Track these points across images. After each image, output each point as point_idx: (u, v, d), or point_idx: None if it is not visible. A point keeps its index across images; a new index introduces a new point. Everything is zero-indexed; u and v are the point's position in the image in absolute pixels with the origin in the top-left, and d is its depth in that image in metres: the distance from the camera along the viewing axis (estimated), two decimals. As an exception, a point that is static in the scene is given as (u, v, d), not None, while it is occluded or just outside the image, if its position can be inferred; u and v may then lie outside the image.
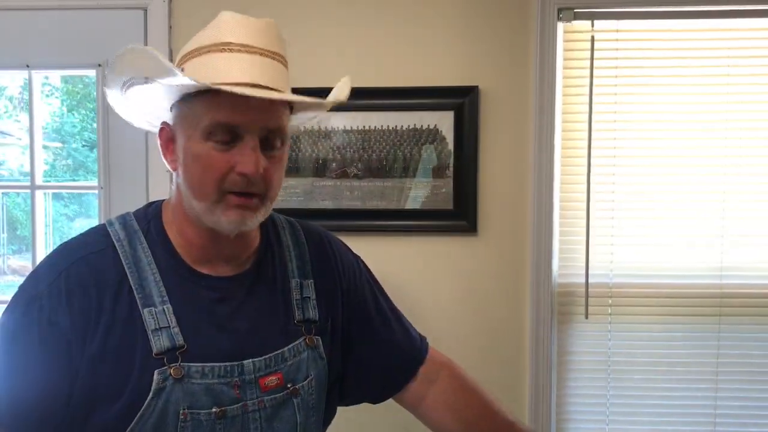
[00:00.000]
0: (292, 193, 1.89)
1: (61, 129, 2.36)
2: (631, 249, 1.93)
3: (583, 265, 1.91)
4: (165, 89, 1.05)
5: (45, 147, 2.20)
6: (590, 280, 1.91)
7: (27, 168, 2.04)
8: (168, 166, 1.10)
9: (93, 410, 1.03)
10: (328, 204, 1.90)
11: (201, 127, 1.02)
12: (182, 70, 1.02)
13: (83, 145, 2.37)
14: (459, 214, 1.89)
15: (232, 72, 1.02)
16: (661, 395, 1.93)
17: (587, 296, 1.90)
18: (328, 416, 1.25)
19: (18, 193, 2.36)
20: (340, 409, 1.28)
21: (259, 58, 1.03)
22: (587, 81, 1.88)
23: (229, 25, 1.04)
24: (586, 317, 1.91)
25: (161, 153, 1.10)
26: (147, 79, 1.04)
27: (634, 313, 1.93)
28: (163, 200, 1.16)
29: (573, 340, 1.94)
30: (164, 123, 1.09)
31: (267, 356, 1.11)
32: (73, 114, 2.37)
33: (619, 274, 1.93)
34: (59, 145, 2.36)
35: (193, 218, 1.08)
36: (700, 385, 1.93)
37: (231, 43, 1.03)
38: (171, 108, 1.09)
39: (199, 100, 1.02)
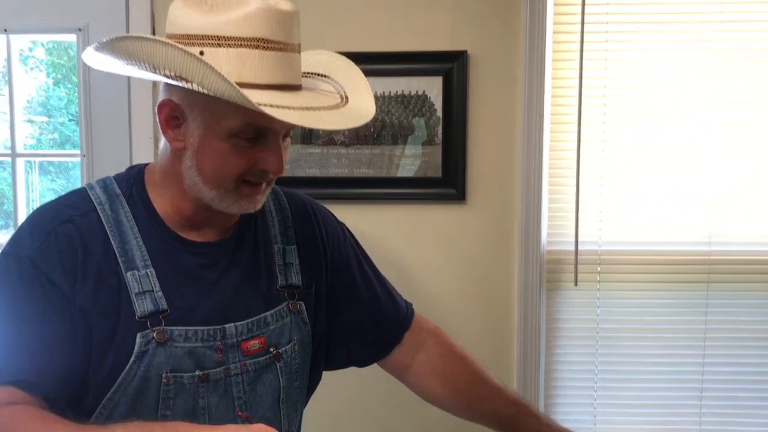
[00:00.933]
0: (278, 160, 1.86)
1: (47, 103, 2.31)
2: (620, 216, 1.92)
3: (572, 232, 1.90)
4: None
5: (31, 121, 2.17)
6: (579, 248, 1.90)
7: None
8: (168, 143, 1.05)
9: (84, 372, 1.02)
10: (315, 172, 1.88)
11: (228, 125, 0.98)
12: (201, 53, 0.95)
13: (69, 120, 2.34)
14: (448, 182, 1.87)
15: (273, 74, 0.97)
16: (650, 361, 1.94)
17: (576, 263, 1.90)
18: (313, 381, 1.25)
19: (4, 168, 2.33)
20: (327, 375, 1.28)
21: (290, 55, 0.99)
22: (578, 46, 1.86)
23: (263, 17, 0.96)
24: (575, 284, 1.90)
25: (160, 129, 1.04)
26: (175, 78, 0.94)
27: (623, 280, 1.93)
28: (146, 164, 1.14)
29: (562, 307, 1.93)
30: (166, 100, 1.02)
31: (249, 320, 1.10)
32: (59, 87, 2.33)
33: (608, 242, 1.92)
34: (45, 119, 2.31)
35: (192, 195, 1.06)
36: (688, 351, 1.93)
37: (268, 40, 0.96)
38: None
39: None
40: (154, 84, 1.72)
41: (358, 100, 1.07)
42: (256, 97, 0.92)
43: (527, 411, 1.27)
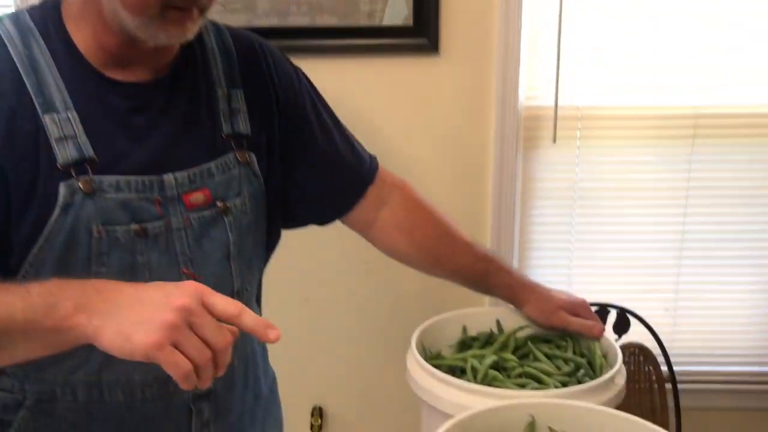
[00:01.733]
0: (231, 9, 1.69)
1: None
2: (603, 69, 1.78)
3: (552, 86, 1.78)
4: None
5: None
6: (559, 103, 1.78)
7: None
8: None
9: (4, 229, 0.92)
10: (273, 21, 1.71)
11: None
12: None
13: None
14: (419, 31, 1.71)
15: None
16: (629, 221, 1.87)
17: (556, 119, 1.79)
18: (272, 240, 1.17)
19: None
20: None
21: None
22: None
23: None
24: (554, 141, 1.80)
25: None
26: None
27: (604, 137, 1.82)
28: None
29: (539, 165, 1.84)
30: None
31: (190, 170, 1.00)
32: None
33: (589, 97, 1.80)
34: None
35: (115, 26, 0.92)
36: (669, 210, 1.86)
37: None
38: None
39: None
40: None
41: None
42: None
43: (498, 266, 1.21)
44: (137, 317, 0.74)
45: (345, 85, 1.74)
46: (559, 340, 1.16)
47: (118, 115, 0.96)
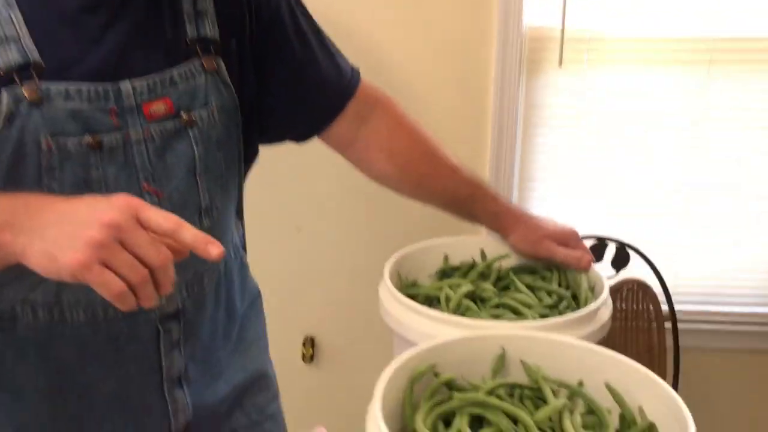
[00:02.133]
0: None
1: None
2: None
3: (560, 5, 1.66)
4: None
5: None
6: (566, 24, 1.67)
7: None
8: None
9: None
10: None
11: None
12: None
13: None
14: (418, -57, 1.61)
15: None
16: (639, 151, 1.78)
17: (562, 41, 1.68)
18: (249, 155, 1.10)
19: None
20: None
21: None
22: None
23: None
24: (560, 65, 1.70)
25: None
26: None
27: (614, 61, 1.72)
28: None
29: (543, 91, 1.75)
30: None
31: (150, 78, 0.92)
32: None
33: (599, 17, 1.69)
34: None
35: None
36: (679, 140, 1.77)
37: None
38: None
39: None
40: None
41: None
42: None
43: (484, 192, 1.14)
44: (63, 235, 0.69)
45: (341, 4, 1.64)
46: (544, 271, 1.10)
47: (68, 15, 0.88)
